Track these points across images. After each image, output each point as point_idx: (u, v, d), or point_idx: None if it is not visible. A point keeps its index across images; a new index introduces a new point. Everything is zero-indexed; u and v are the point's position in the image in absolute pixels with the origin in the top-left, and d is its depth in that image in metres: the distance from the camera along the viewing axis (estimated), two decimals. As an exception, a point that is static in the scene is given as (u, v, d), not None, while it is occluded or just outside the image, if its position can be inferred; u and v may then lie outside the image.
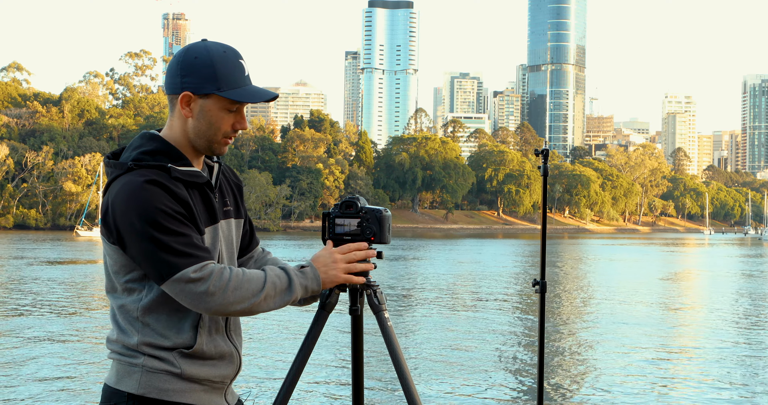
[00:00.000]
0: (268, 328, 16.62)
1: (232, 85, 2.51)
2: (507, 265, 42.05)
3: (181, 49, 2.56)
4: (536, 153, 4.62)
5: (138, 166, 2.46)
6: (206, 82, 2.50)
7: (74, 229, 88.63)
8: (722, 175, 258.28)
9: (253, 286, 2.45)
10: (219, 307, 2.41)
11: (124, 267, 2.48)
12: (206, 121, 2.53)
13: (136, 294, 2.49)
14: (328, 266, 2.61)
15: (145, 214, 2.38)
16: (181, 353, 2.48)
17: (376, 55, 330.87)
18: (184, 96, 2.51)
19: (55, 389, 10.92)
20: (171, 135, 2.56)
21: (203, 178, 2.54)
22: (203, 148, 2.57)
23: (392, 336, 2.77)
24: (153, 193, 2.40)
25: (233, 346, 2.61)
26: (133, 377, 2.47)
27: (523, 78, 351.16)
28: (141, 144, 2.54)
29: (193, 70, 2.50)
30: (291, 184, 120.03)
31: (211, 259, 2.45)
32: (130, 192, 2.40)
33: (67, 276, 29.86)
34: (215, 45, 2.54)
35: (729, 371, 12.94)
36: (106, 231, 2.48)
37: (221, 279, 2.41)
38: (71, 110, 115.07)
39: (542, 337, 4.55)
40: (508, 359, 13.80)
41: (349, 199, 2.79)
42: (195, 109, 2.53)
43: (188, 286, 2.39)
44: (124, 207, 2.40)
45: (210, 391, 2.54)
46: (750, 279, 34.42)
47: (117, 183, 2.46)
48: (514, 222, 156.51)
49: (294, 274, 2.53)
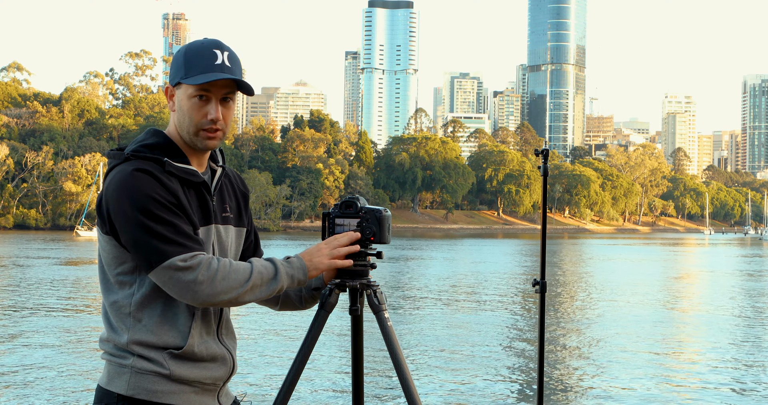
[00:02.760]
0: (268, 328, 16.62)
1: (197, 71, 2.49)
2: (507, 265, 42.04)
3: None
4: (536, 153, 4.62)
5: (135, 157, 2.48)
6: (177, 72, 2.52)
7: (74, 229, 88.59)
8: (722, 175, 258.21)
9: (240, 276, 2.45)
10: (206, 297, 2.41)
11: (116, 258, 2.48)
12: (181, 112, 2.54)
13: (128, 288, 2.49)
14: (312, 255, 2.61)
15: (137, 201, 2.39)
16: (171, 354, 2.47)
17: (376, 55, 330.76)
18: (166, 89, 2.56)
19: (54, 388, 10.92)
20: (170, 132, 2.59)
21: (199, 177, 2.54)
22: (189, 142, 2.56)
23: (392, 336, 2.77)
24: (143, 181, 2.41)
25: (225, 349, 2.60)
26: (123, 378, 2.47)
27: (523, 78, 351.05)
28: (144, 138, 2.56)
29: (173, 63, 2.55)
30: (291, 184, 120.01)
31: (202, 249, 2.45)
32: (122, 180, 2.43)
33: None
34: (202, 39, 2.56)
35: (729, 371, 12.94)
36: (100, 221, 2.49)
37: (209, 269, 2.41)
38: (71, 110, 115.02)
39: (542, 336, 4.54)
40: (508, 359, 13.80)
41: (348, 199, 2.79)
42: (176, 103, 2.55)
43: (176, 274, 2.39)
44: (117, 194, 2.42)
45: (201, 393, 2.53)
46: (750, 279, 34.41)
47: (112, 172, 2.49)
48: (514, 222, 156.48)
49: (280, 263, 2.54)
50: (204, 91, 2.50)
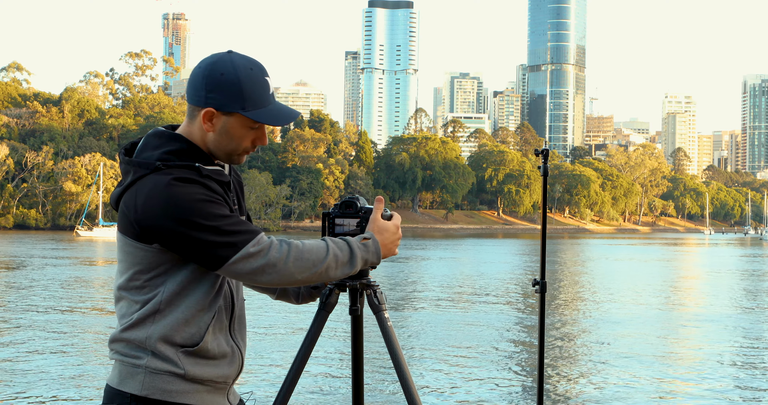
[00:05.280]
0: (268, 328, 16.62)
1: (257, 104, 2.48)
2: (507, 265, 42.04)
3: (208, 60, 2.51)
4: (536, 153, 4.62)
5: (166, 167, 2.44)
6: (231, 101, 2.47)
7: (74, 229, 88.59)
8: (722, 175, 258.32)
9: (314, 256, 2.47)
10: (282, 277, 2.43)
11: (151, 263, 2.47)
12: (228, 137, 2.52)
13: (156, 289, 2.48)
14: (386, 239, 2.62)
15: (187, 207, 2.37)
16: (186, 352, 2.47)
17: (376, 55, 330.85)
18: (207, 112, 2.48)
19: (60, 387, 10.92)
20: (191, 138, 2.55)
21: (226, 177, 2.53)
22: (221, 159, 2.57)
23: (392, 336, 2.77)
24: (187, 189, 2.40)
25: (236, 346, 2.60)
26: (137, 378, 2.46)
27: (523, 78, 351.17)
28: (161, 144, 2.51)
29: (218, 86, 2.46)
30: (291, 184, 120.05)
31: (261, 231, 2.47)
32: (165, 192, 2.39)
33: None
34: (242, 60, 2.50)
35: (730, 371, 12.94)
36: (132, 230, 2.45)
37: (280, 250, 2.43)
38: (71, 110, 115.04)
39: (542, 336, 4.54)
40: (508, 359, 13.80)
41: (348, 199, 2.79)
42: (217, 125, 2.50)
43: (249, 261, 2.40)
44: (163, 207, 2.38)
45: (213, 392, 2.54)
46: (751, 278, 34.41)
47: (143, 183, 2.44)
48: (514, 222, 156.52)
49: (356, 247, 2.54)
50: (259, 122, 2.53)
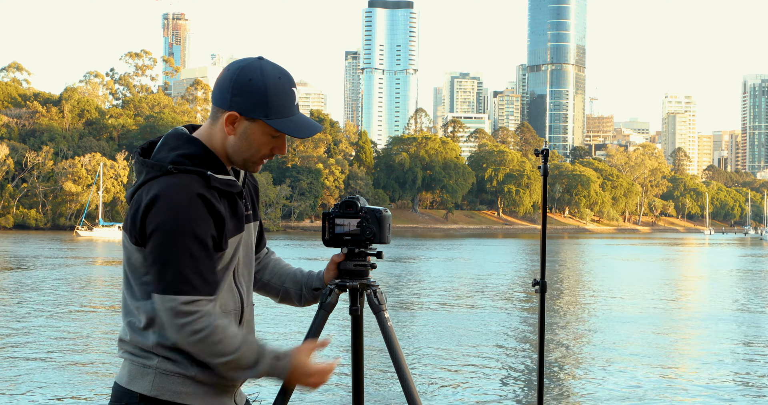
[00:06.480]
0: (268, 329, 16.62)
1: (281, 113, 2.49)
2: (507, 264, 42.05)
3: (237, 64, 2.52)
4: (536, 153, 4.62)
5: (177, 171, 2.44)
6: (256, 107, 2.47)
7: (74, 229, 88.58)
8: (722, 175, 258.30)
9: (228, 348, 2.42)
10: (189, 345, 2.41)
11: (146, 267, 2.47)
12: (247, 143, 2.52)
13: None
14: (299, 377, 2.55)
15: (179, 227, 2.37)
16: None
17: (376, 55, 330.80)
18: (231, 115, 2.49)
19: (65, 385, 10.92)
20: (210, 142, 2.54)
21: (237, 187, 2.53)
22: (237, 164, 2.57)
23: (392, 336, 2.77)
24: (194, 210, 2.40)
25: None
26: (146, 379, 2.47)
27: (523, 78, 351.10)
28: (178, 145, 2.51)
29: (244, 91, 2.47)
30: (291, 184, 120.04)
31: (211, 296, 2.43)
32: (172, 201, 2.39)
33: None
34: (271, 68, 2.51)
35: (732, 372, 12.94)
36: (132, 229, 2.46)
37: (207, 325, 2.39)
38: (71, 110, 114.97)
39: (542, 336, 4.54)
40: (509, 359, 13.80)
41: (348, 199, 2.79)
42: (238, 129, 2.51)
43: (172, 311, 2.38)
44: (163, 212, 2.39)
45: (221, 394, 2.55)
46: (751, 278, 34.41)
47: (153, 185, 2.44)
48: (514, 222, 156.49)
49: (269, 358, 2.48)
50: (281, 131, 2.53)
